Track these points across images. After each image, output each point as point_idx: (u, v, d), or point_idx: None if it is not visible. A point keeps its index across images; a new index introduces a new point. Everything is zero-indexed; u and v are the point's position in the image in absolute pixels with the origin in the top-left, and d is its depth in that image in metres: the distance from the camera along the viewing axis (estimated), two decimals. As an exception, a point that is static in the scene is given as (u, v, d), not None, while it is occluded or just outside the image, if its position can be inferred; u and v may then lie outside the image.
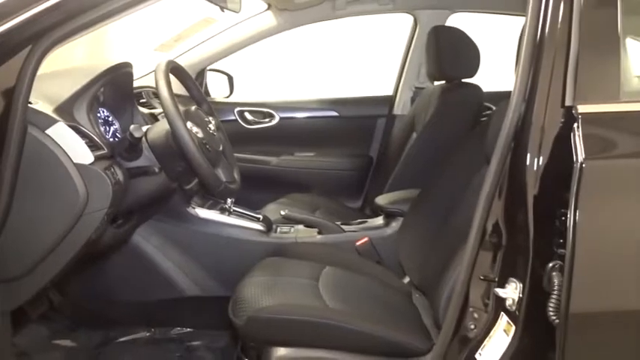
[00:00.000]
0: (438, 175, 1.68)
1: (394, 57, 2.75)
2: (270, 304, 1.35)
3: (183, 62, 2.57)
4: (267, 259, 1.74)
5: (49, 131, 1.19)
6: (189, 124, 1.45)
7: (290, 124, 2.76)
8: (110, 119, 1.68)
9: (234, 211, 1.99)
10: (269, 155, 2.74)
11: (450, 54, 2.11)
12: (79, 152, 1.21)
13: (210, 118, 1.66)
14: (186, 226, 1.88)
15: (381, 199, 2.01)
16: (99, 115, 1.63)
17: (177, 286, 1.89)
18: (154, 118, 1.82)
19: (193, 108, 1.55)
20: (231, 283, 1.65)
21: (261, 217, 2.03)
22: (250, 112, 2.75)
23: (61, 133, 1.20)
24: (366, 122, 2.73)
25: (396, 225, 1.92)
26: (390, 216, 1.96)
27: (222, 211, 1.97)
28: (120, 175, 1.37)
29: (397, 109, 2.69)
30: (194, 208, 1.90)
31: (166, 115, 1.36)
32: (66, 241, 1.23)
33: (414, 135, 2.34)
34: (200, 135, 1.46)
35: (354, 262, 1.76)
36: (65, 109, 1.32)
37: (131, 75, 1.67)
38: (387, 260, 1.86)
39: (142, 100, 1.87)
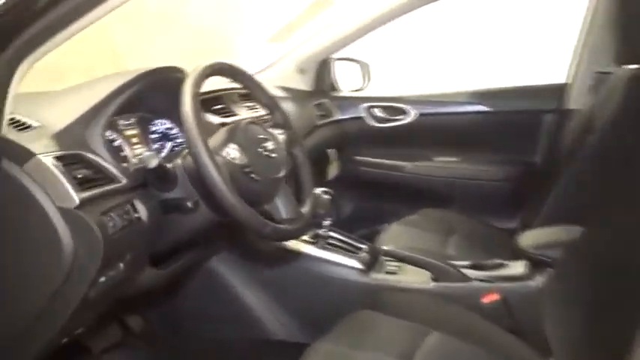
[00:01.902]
0: (622, 200, 1.05)
1: (567, 32, 2.05)
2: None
3: (302, 52, 2.25)
4: (357, 313, 1.34)
5: (27, 166, 0.93)
6: (227, 149, 1.09)
7: (428, 123, 2.25)
8: (173, 132, 1.41)
9: (330, 237, 1.60)
10: (401, 160, 2.28)
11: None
12: (61, 192, 0.93)
13: (278, 133, 1.29)
14: (271, 259, 1.56)
15: (526, 238, 1.44)
16: (155, 128, 1.36)
17: (259, 326, 1.59)
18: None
19: (245, 122, 1.19)
20: (318, 329, 1.30)
21: (365, 247, 1.61)
22: (381, 107, 2.31)
23: (40, 169, 0.93)
24: (527, 119, 2.10)
25: (543, 278, 1.34)
26: (537, 264, 1.38)
27: (316, 238, 1.59)
28: (143, 213, 1.08)
29: (571, 102, 2.01)
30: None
31: (186, 138, 1.02)
32: (58, 301, 0.97)
33: (592, 137, 1.67)
34: (239, 161, 1.10)
35: (475, 328, 1.26)
36: (74, 131, 1.06)
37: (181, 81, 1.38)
38: (525, 329, 1.30)
39: (216, 107, 1.57)
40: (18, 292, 0.97)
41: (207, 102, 1.51)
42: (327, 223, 1.58)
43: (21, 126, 1.03)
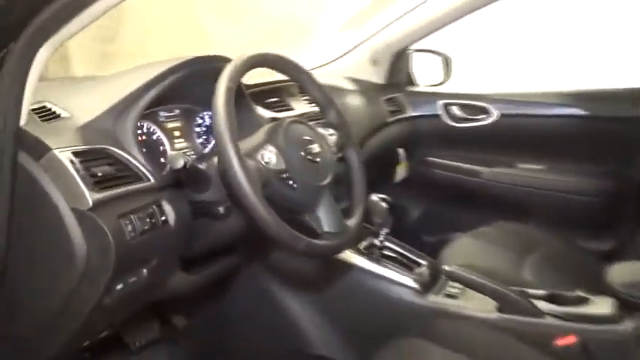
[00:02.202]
0: None
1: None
2: None
3: (377, 42, 2.09)
4: (407, 340, 1.19)
5: (43, 161, 0.86)
6: (262, 151, 0.97)
7: (512, 125, 2.02)
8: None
9: (385, 249, 1.45)
10: (478, 164, 2.06)
11: None
12: (74, 192, 0.86)
13: (329, 133, 1.15)
14: (319, 269, 1.44)
15: (618, 272, 1.21)
16: (200, 121, 1.27)
17: (301, 338, 1.47)
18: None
19: (287, 121, 1.06)
20: (363, 349, 1.18)
21: (424, 263, 1.45)
22: (459, 105, 2.10)
23: (55, 165, 0.86)
24: (625, 127, 1.81)
25: (634, 324, 1.12)
26: (628, 305, 1.16)
27: (370, 249, 1.45)
28: (170, 215, 0.99)
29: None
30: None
31: (215, 138, 0.91)
32: (73, 303, 0.90)
33: None
34: (275, 165, 0.97)
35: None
36: (102, 124, 0.99)
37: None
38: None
39: (270, 100, 1.45)
40: (38, 286, 0.92)
41: (261, 94, 1.39)
42: (383, 233, 1.42)
43: (49, 115, 0.97)
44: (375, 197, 1.39)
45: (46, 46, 0.83)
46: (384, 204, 1.38)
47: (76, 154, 0.88)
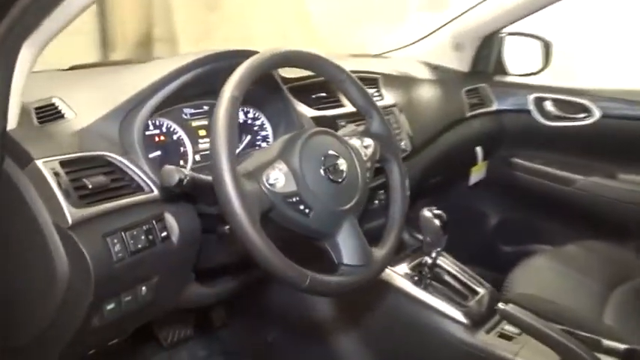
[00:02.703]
0: None
1: None
2: None
3: (462, 25, 1.85)
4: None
5: (27, 171, 0.79)
6: (269, 170, 0.83)
7: (616, 127, 1.71)
8: (258, 123, 1.19)
9: (438, 270, 1.28)
10: (572, 171, 1.78)
11: None
12: (55, 207, 0.78)
13: (365, 144, 0.99)
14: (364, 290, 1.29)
15: None
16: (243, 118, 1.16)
17: (338, 354, 1.35)
18: (331, 124, 1.22)
19: (312, 131, 0.91)
20: None
21: (482, 291, 1.26)
22: (554, 101, 1.81)
23: (38, 177, 0.78)
24: None
25: None
26: None
27: (419, 270, 1.28)
28: (174, 230, 0.90)
29: None
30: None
31: (210, 152, 0.79)
32: (59, 322, 0.84)
33: None
34: (283, 188, 0.83)
35: None
36: (104, 126, 0.90)
37: None
38: None
39: (315, 96, 1.28)
40: (28, 299, 0.87)
41: (304, 88, 1.25)
42: (434, 253, 1.24)
43: (53, 115, 0.90)
44: (427, 213, 1.21)
45: (28, 44, 0.75)
46: (437, 221, 1.20)
47: (64, 163, 0.80)
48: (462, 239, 1.97)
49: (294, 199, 0.84)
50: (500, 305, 1.12)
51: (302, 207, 0.84)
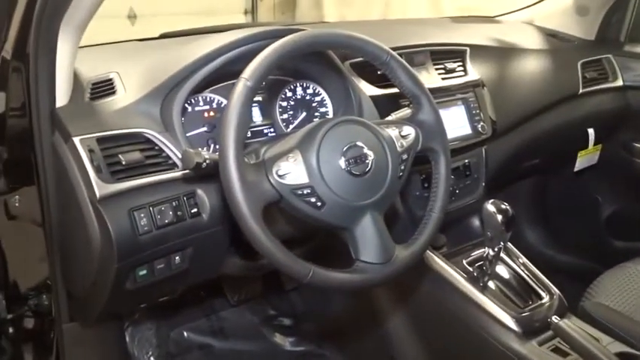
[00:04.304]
0: None
1: None
2: None
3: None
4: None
5: (69, 145, 0.87)
6: (281, 162, 0.82)
7: None
8: (317, 99, 1.17)
9: (498, 265, 1.18)
10: None
11: None
12: (87, 181, 0.84)
13: (402, 133, 0.92)
14: (416, 282, 1.24)
15: None
16: (290, 94, 1.15)
17: (388, 342, 1.33)
18: (393, 104, 1.15)
19: (339, 120, 0.87)
20: None
21: (546, 297, 1.14)
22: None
23: (75, 152, 0.86)
24: None
25: None
26: None
27: (478, 268, 1.19)
28: (205, 207, 0.93)
29: None
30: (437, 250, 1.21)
31: (219, 145, 0.79)
32: (98, 282, 0.94)
33: None
34: (292, 180, 0.81)
35: None
36: (145, 103, 0.94)
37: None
38: None
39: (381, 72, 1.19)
40: (78, 254, 0.96)
41: (369, 65, 1.18)
42: (496, 249, 1.14)
43: (107, 91, 0.97)
44: (491, 206, 1.11)
45: (65, 23, 0.80)
46: (500, 216, 1.10)
47: (100, 140, 0.87)
48: (565, 229, 1.79)
49: (304, 191, 0.82)
50: (554, 319, 1.01)
51: (313, 199, 0.82)
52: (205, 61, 0.95)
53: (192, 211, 0.92)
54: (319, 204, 0.82)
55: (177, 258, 0.96)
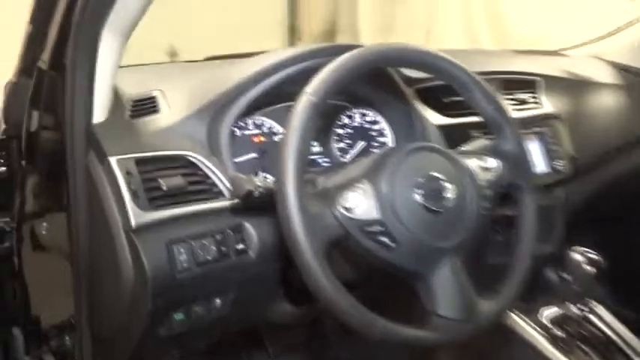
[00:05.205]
0: None
1: None
2: None
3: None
4: None
5: (105, 166, 0.76)
6: (349, 192, 0.69)
7: None
8: (376, 127, 1.05)
9: (586, 324, 1.01)
10: None
11: None
12: (122, 208, 0.73)
13: (485, 166, 0.79)
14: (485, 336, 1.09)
15: None
16: (347, 121, 1.04)
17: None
18: (463, 135, 1.02)
19: (414, 146, 0.74)
20: None
21: None
22: None
23: (110, 175, 0.75)
24: None
25: None
26: None
27: (560, 326, 1.02)
28: (253, 243, 0.81)
29: None
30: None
31: (276, 169, 0.67)
32: (126, 326, 0.81)
33: None
34: (361, 214, 0.68)
35: None
36: (191, 124, 0.84)
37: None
38: None
39: (448, 100, 1.08)
40: (105, 291, 0.85)
41: (438, 90, 1.07)
42: (585, 307, 0.98)
43: (149, 109, 0.87)
44: (577, 255, 0.96)
45: (108, 29, 0.72)
46: (589, 267, 0.94)
47: (140, 161, 0.76)
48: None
49: (374, 229, 0.69)
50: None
51: (384, 238, 0.69)
52: (261, 77, 0.85)
53: (239, 247, 0.80)
54: (391, 244, 0.69)
55: (218, 301, 0.83)
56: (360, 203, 0.69)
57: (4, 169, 0.91)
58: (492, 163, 0.80)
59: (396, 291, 0.78)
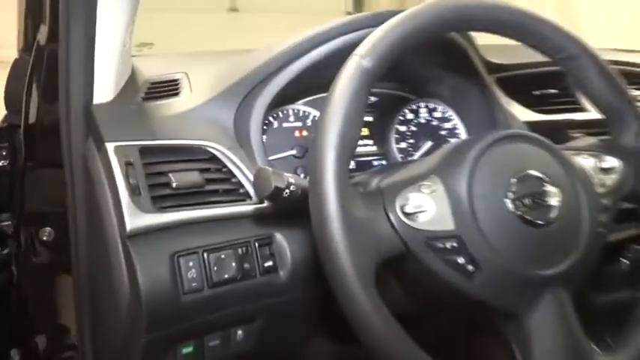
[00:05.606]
0: None
1: None
2: None
3: None
4: None
5: (101, 154, 0.61)
6: (412, 192, 0.50)
7: None
8: (447, 125, 0.86)
9: None
10: None
11: None
12: (117, 207, 0.57)
13: (601, 166, 0.58)
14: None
15: None
16: (411, 116, 0.85)
17: None
18: (559, 135, 0.81)
19: (502, 134, 0.54)
20: None
21: None
22: None
23: (107, 164, 0.60)
24: None
25: None
26: None
27: None
28: (284, 258, 0.63)
29: None
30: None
31: (310, 159, 0.49)
32: (127, 352, 0.65)
33: None
34: (431, 224, 0.49)
35: None
36: (212, 111, 0.68)
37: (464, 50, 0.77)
38: None
39: (539, 92, 0.86)
40: (104, 303, 0.70)
41: (528, 80, 0.86)
42: None
43: (168, 92, 0.72)
44: None
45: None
46: None
47: (145, 150, 0.60)
48: None
49: (447, 245, 0.49)
50: None
51: (460, 259, 0.49)
52: (305, 48, 0.68)
53: (266, 264, 0.63)
54: (470, 268, 0.49)
55: (239, 332, 0.66)
56: (426, 207, 0.49)
57: (5, 162, 0.79)
58: (613, 163, 0.59)
59: (475, 334, 0.57)
